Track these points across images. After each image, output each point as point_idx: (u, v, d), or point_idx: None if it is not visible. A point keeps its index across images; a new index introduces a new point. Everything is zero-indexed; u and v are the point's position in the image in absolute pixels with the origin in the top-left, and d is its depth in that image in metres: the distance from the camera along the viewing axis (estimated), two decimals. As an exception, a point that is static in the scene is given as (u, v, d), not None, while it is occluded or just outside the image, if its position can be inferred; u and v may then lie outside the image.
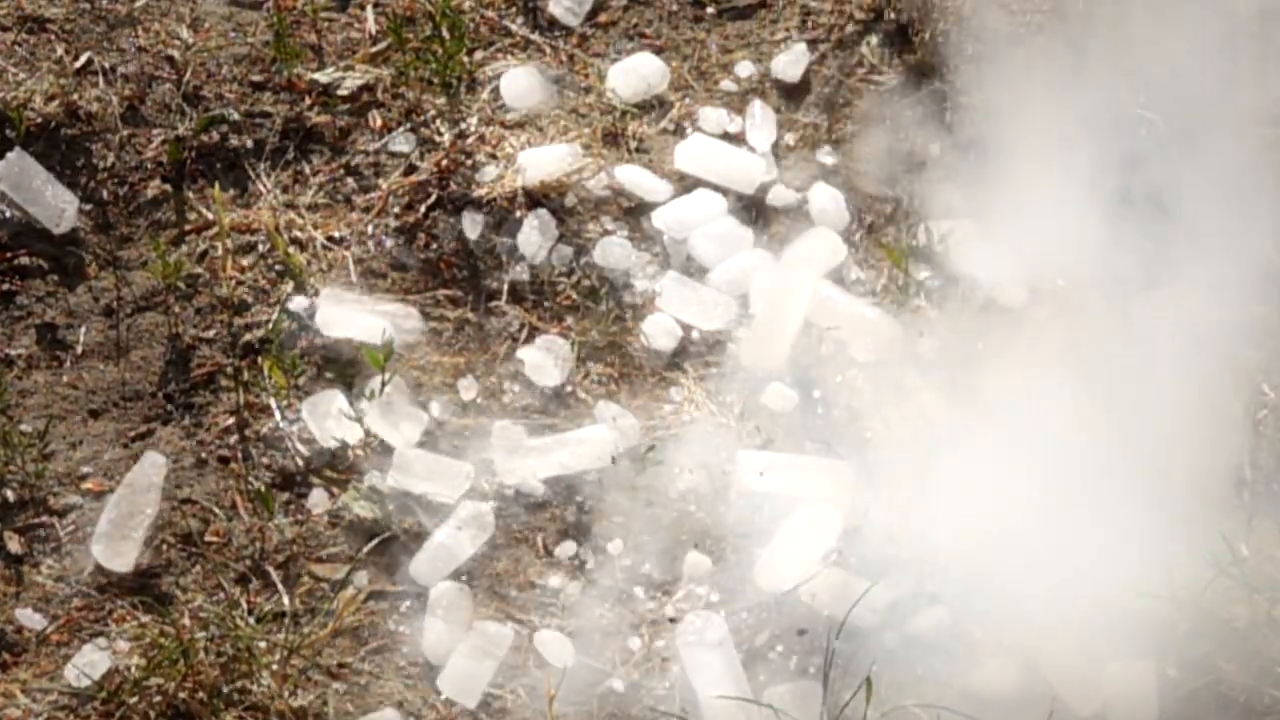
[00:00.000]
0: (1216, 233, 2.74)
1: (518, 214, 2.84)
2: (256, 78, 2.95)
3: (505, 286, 2.82)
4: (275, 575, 2.57)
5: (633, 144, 2.93)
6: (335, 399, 2.68)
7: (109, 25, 2.97)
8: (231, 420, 2.69)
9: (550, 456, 2.67)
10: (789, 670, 2.52)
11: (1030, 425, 2.59)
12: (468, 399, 2.74)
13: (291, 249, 2.81)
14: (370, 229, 2.85)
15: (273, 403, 2.70)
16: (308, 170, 2.89)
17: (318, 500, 2.64)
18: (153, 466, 2.62)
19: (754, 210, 2.89)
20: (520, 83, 2.96)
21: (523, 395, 2.75)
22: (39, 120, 2.87)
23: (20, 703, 2.46)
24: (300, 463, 2.66)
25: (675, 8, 3.07)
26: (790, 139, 2.97)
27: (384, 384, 2.66)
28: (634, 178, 2.89)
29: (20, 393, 2.71)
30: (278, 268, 2.80)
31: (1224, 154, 2.82)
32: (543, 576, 2.61)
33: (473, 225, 2.85)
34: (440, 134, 2.91)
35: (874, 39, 3.04)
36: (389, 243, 2.84)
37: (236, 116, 2.90)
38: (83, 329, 2.77)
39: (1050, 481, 2.53)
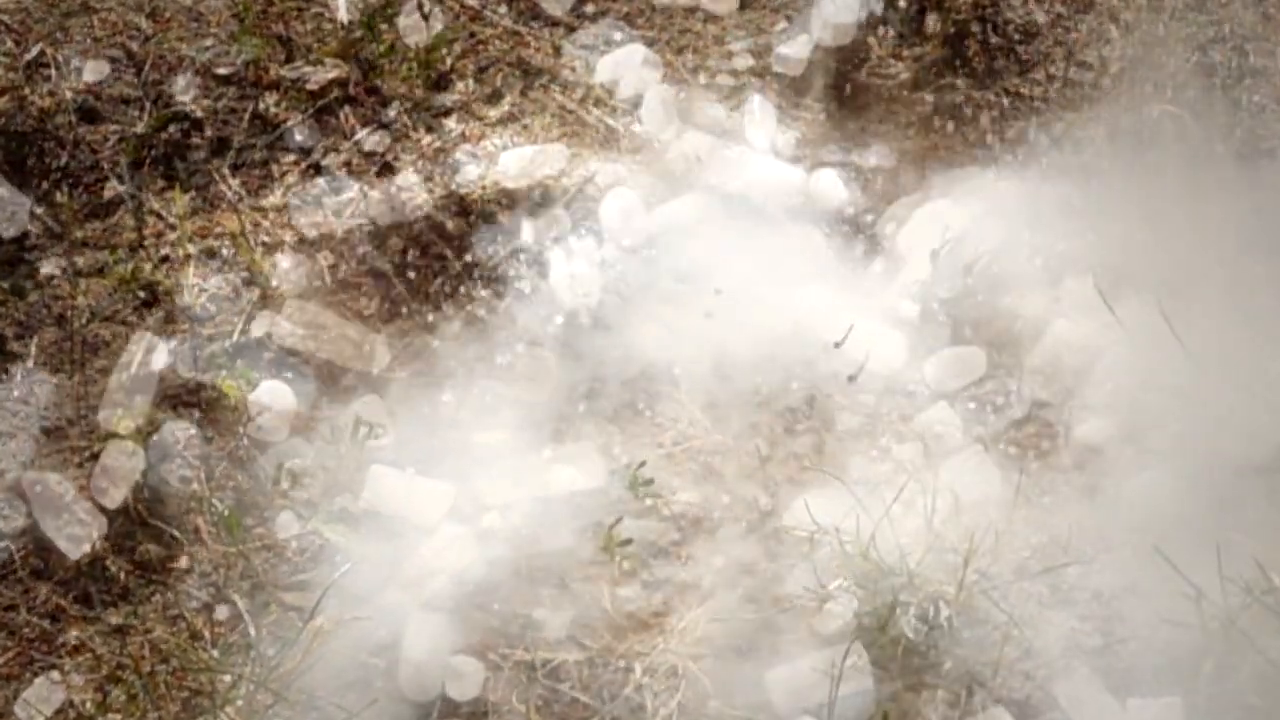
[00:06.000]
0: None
1: (500, 216, 2.84)
2: (220, 72, 2.96)
3: (489, 293, 2.81)
4: (241, 604, 2.54)
5: (623, 142, 2.93)
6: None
7: (62, 15, 3.00)
8: (194, 435, 2.67)
9: (536, 476, 2.64)
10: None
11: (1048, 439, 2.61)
12: (449, 415, 2.73)
13: (258, 254, 2.80)
14: (342, 233, 2.85)
15: (238, 420, 2.69)
16: (275, 170, 2.90)
17: (285, 523, 2.62)
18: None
19: (753, 212, 2.88)
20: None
21: (508, 411, 2.72)
22: (-12, 117, 2.92)
23: (-33, 740, 2.49)
24: (266, 482, 2.65)
25: (669, -5, 3.16)
26: (792, 136, 2.96)
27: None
28: (626, 178, 2.89)
29: (-33, 408, 2.74)
30: (243, 274, 2.80)
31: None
32: (527, 605, 2.55)
33: (452, 228, 2.85)
34: (417, 132, 2.91)
35: (882, 29, 3.04)
36: (362, 248, 2.84)
37: (199, 113, 2.92)
38: (34, 340, 2.76)
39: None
